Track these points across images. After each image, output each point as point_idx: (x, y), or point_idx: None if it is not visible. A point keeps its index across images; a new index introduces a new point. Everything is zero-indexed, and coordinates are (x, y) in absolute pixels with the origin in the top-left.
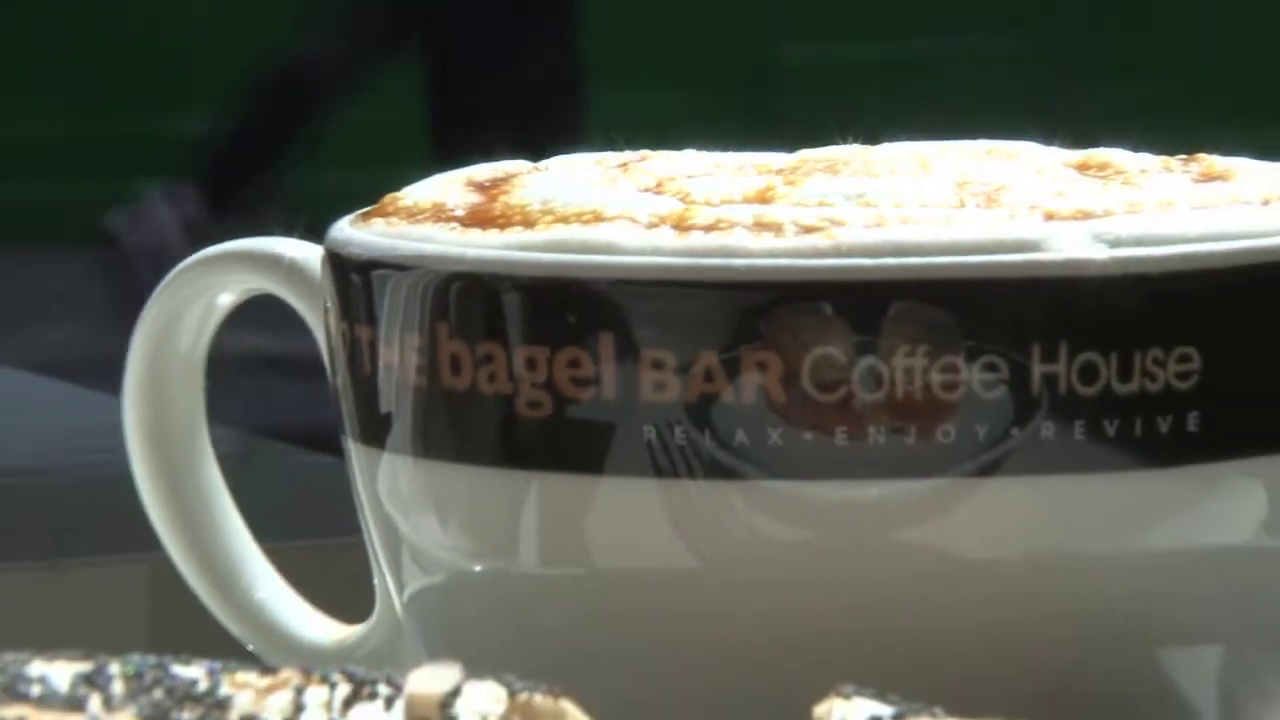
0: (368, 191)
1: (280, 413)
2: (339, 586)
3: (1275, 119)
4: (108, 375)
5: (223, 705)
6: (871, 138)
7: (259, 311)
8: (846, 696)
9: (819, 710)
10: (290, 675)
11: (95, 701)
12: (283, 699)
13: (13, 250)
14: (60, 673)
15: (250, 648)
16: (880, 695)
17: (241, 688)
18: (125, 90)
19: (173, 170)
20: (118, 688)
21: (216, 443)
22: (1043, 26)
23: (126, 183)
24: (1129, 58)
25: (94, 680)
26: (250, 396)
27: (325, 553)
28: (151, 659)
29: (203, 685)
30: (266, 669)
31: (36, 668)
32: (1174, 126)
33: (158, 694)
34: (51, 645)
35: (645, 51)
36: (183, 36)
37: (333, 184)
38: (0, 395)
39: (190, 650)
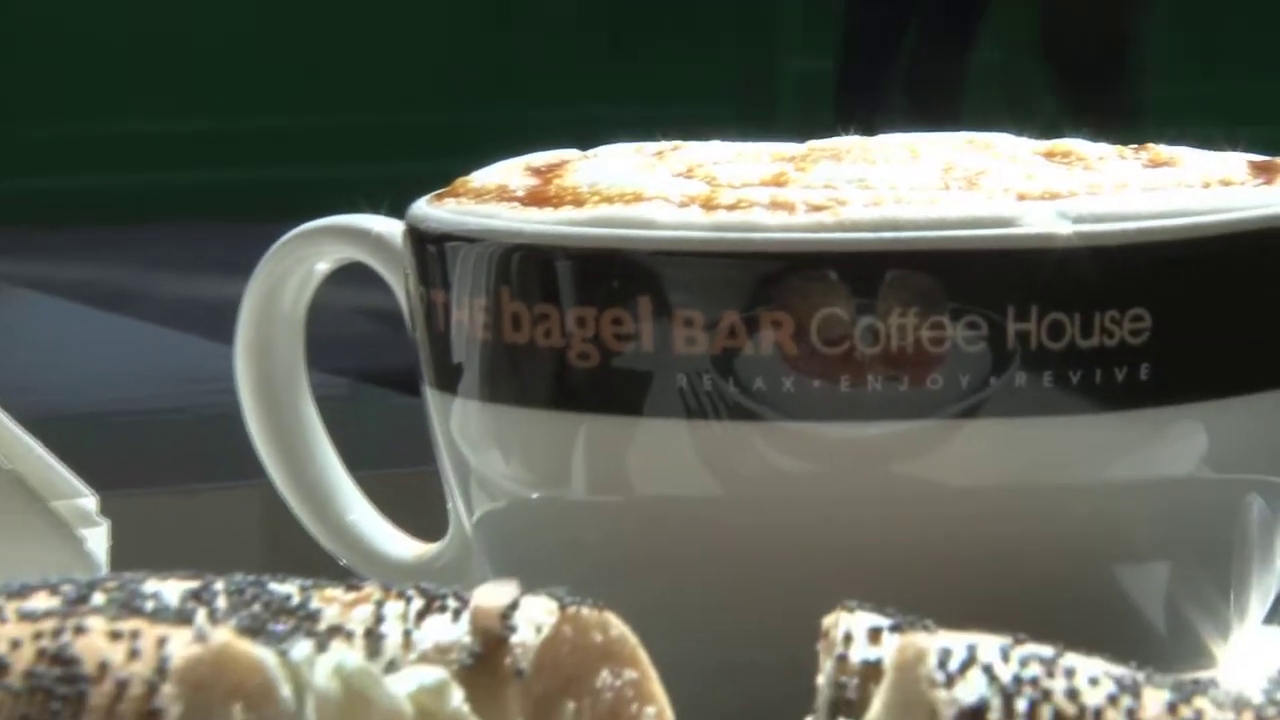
0: None
1: (371, 360)
2: (418, 510)
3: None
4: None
5: (313, 617)
6: (870, 131)
7: (361, 275)
8: (851, 610)
9: (827, 622)
10: (371, 590)
11: (201, 615)
12: (365, 611)
13: None
14: (171, 590)
15: (343, 563)
16: (879, 609)
17: (329, 602)
18: None
19: None
20: (221, 603)
21: (322, 386)
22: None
23: None
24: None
25: (201, 596)
26: (352, 348)
27: (406, 481)
28: (251, 577)
29: (295, 600)
30: (351, 586)
31: (151, 585)
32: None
33: (256, 608)
34: (176, 561)
35: None
36: None
37: None
38: (135, 345)
39: (293, 566)
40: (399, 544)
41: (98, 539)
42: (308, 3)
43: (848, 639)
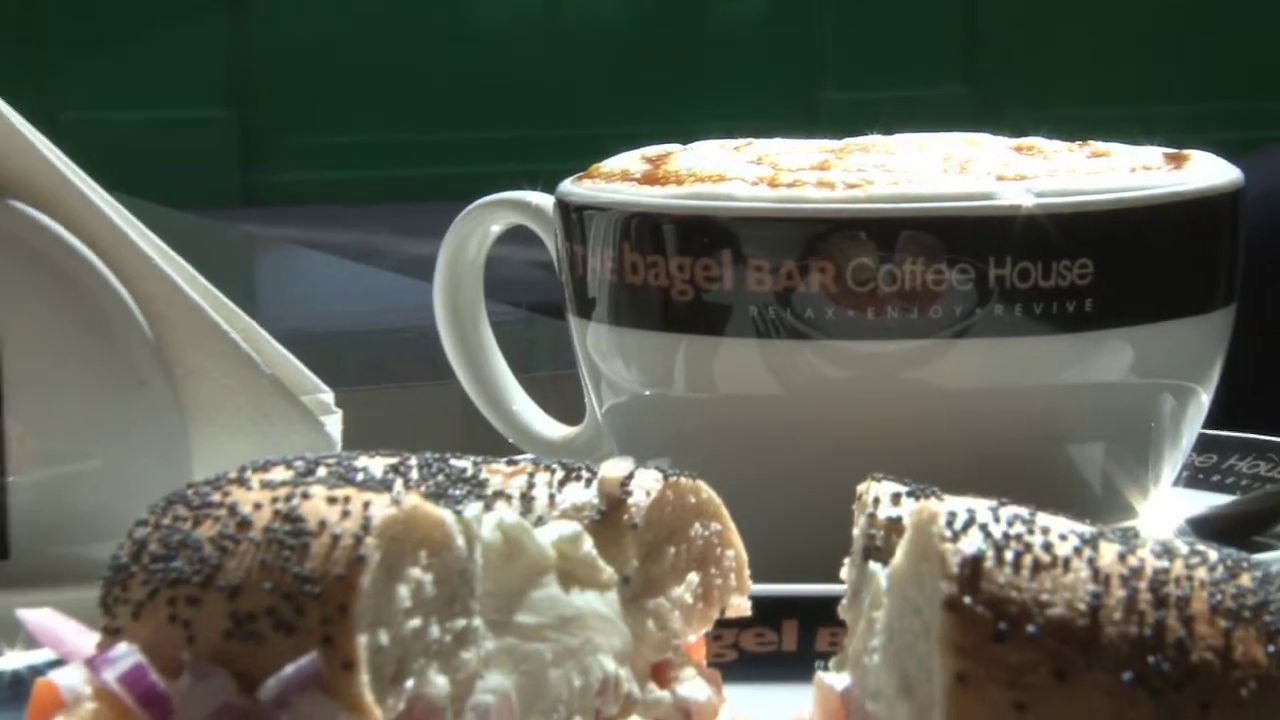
0: None
1: (538, 295)
2: (563, 403)
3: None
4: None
5: (482, 485)
6: (889, 130)
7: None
8: (878, 480)
9: (860, 488)
10: (525, 464)
11: (398, 484)
12: (520, 480)
13: None
14: (376, 465)
15: (510, 440)
16: (899, 479)
17: (494, 473)
18: None
19: None
20: (414, 474)
21: (498, 314)
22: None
23: None
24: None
25: (398, 469)
26: (520, 287)
27: (555, 381)
28: (436, 455)
29: (469, 472)
30: (510, 460)
31: (361, 461)
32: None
33: (440, 478)
34: (389, 441)
35: None
36: None
37: None
38: (375, 286)
39: (472, 444)
40: (549, 427)
41: (334, 424)
42: (508, 60)
43: (876, 501)
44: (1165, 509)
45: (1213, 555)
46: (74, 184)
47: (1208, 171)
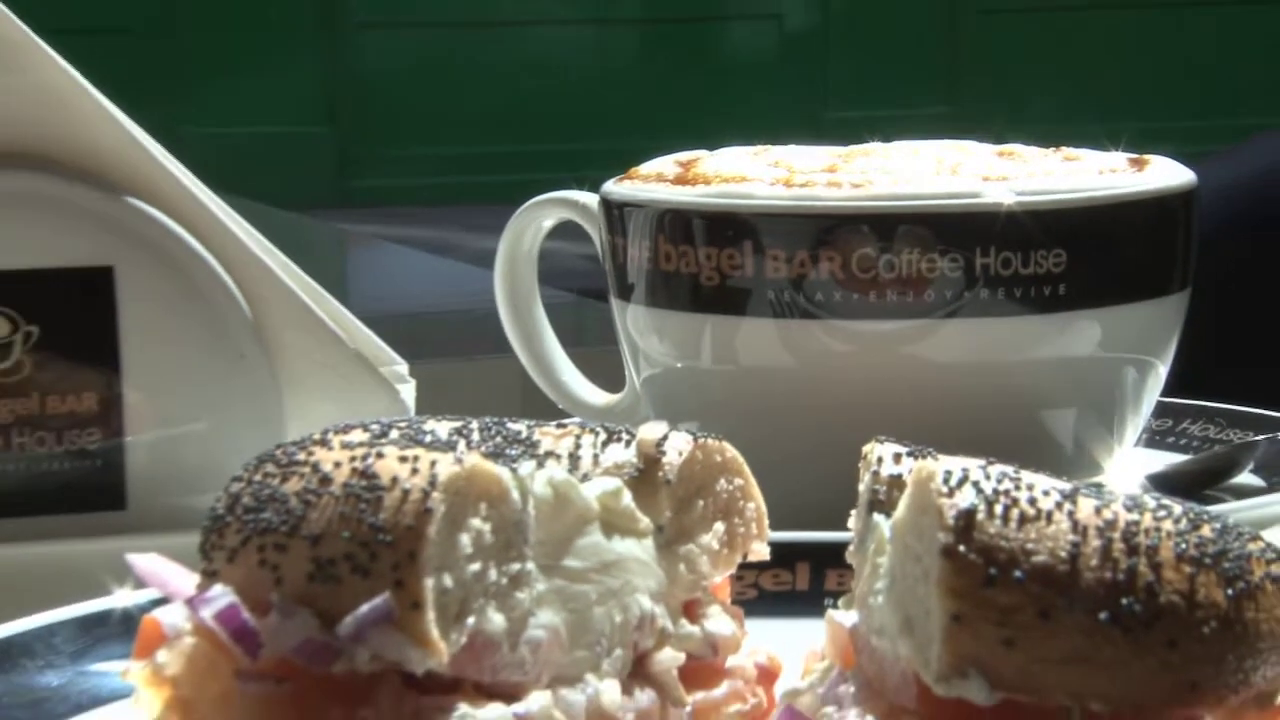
0: None
1: (584, 282)
2: (606, 373)
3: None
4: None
5: (534, 445)
6: (887, 139)
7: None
8: (881, 441)
9: (865, 448)
10: (573, 428)
11: (461, 445)
12: (568, 442)
13: None
14: (442, 428)
15: (559, 406)
16: (900, 442)
17: (545, 435)
18: None
19: None
20: (475, 436)
21: (550, 297)
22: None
23: None
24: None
25: (461, 432)
26: (570, 274)
27: (599, 355)
28: (495, 419)
29: (523, 434)
30: (560, 424)
31: (429, 425)
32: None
33: (498, 439)
34: (455, 407)
35: None
36: None
37: None
38: (448, 275)
39: (530, 410)
40: (593, 395)
41: (408, 392)
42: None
43: (879, 460)
44: (1128, 467)
45: (1177, 509)
46: (183, 183)
47: (1166, 174)
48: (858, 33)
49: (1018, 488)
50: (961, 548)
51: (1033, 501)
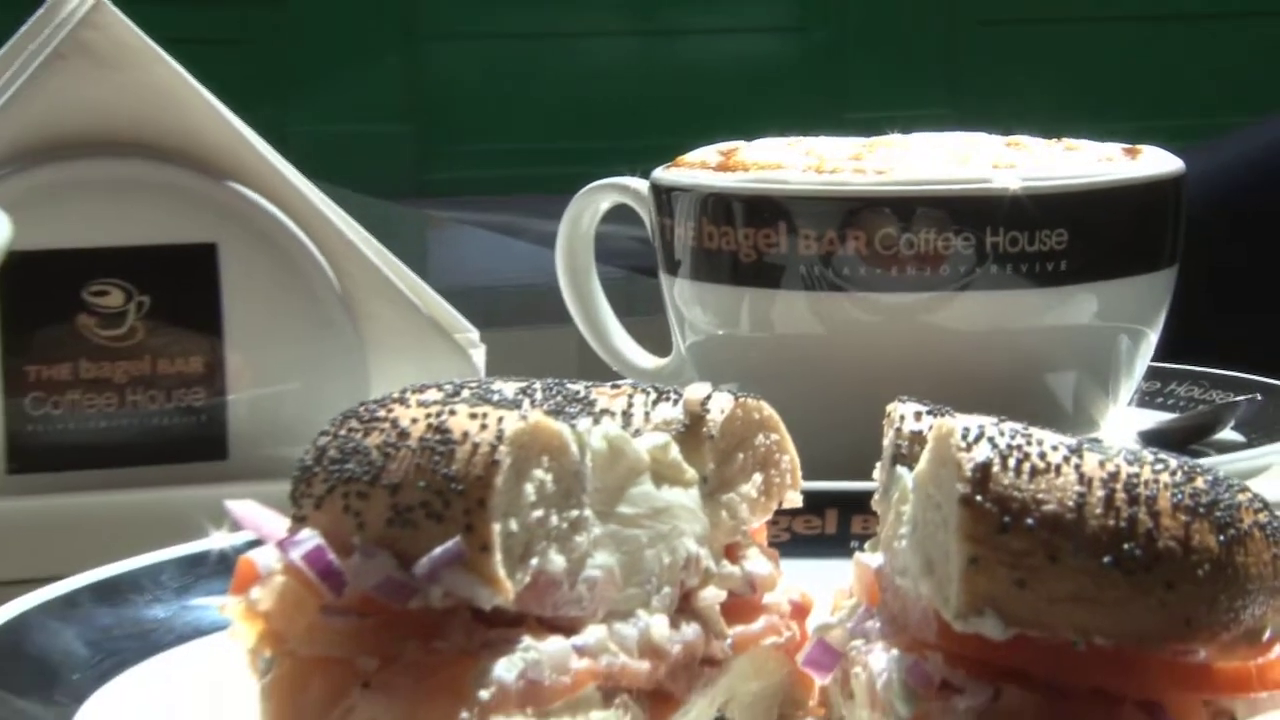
0: None
1: (636, 261)
2: (655, 339)
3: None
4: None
5: (591, 404)
6: (908, 130)
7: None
8: (903, 401)
9: (889, 407)
10: (626, 388)
11: (526, 403)
12: (621, 401)
13: None
14: (509, 388)
15: (613, 369)
16: (920, 401)
17: (601, 395)
18: None
19: None
20: (539, 395)
21: (607, 273)
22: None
23: None
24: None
25: (526, 391)
26: (623, 252)
27: (649, 323)
28: (556, 380)
29: (581, 393)
30: (615, 385)
31: (497, 385)
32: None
33: (558, 398)
34: (520, 370)
35: None
36: None
37: None
38: (517, 254)
39: (587, 372)
40: (644, 359)
41: (478, 356)
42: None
43: (901, 418)
44: (1121, 424)
45: (1173, 463)
46: (279, 169)
47: (1157, 162)
48: (872, 44)
49: (1029, 443)
50: (978, 497)
51: (1042, 456)
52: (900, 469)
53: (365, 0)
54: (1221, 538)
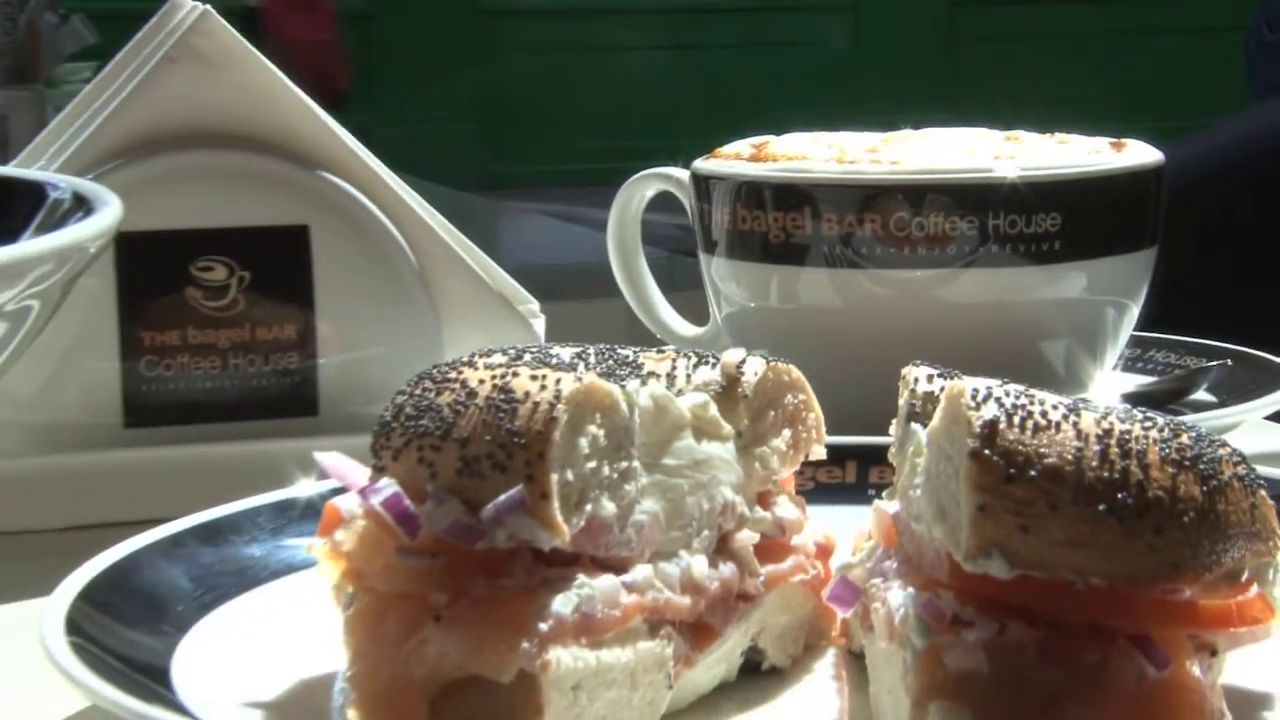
0: None
1: (677, 246)
2: (695, 310)
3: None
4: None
5: (639, 367)
6: (919, 126)
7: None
8: (916, 365)
9: (904, 370)
10: (670, 353)
11: (581, 366)
12: (665, 364)
13: None
14: (566, 352)
15: (658, 336)
16: (933, 365)
17: (648, 359)
18: None
19: None
20: (592, 359)
21: (652, 253)
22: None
23: None
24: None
25: (581, 356)
26: (665, 237)
27: (689, 296)
28: (608, 345)
29: (631, 357)
30: (660, 350)
31: (555, 350)
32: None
33: (610, 362)
34: (575, 336)
35: None
36: None
37: None
38: (577, 236)
39: (635, 339)
40: (685, 328)
41: (539, 326)
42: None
43: (915, 380)
44: (1107, 386)
45: (1160, 420)
46: (365, 160)
47: (1140, 154)
48: (882, 54)
49: (1031, 402)
50: (986, 451)
51: (1044, 414)
52: (915, 425)
53: (442, 19)
54: (1204, 488)
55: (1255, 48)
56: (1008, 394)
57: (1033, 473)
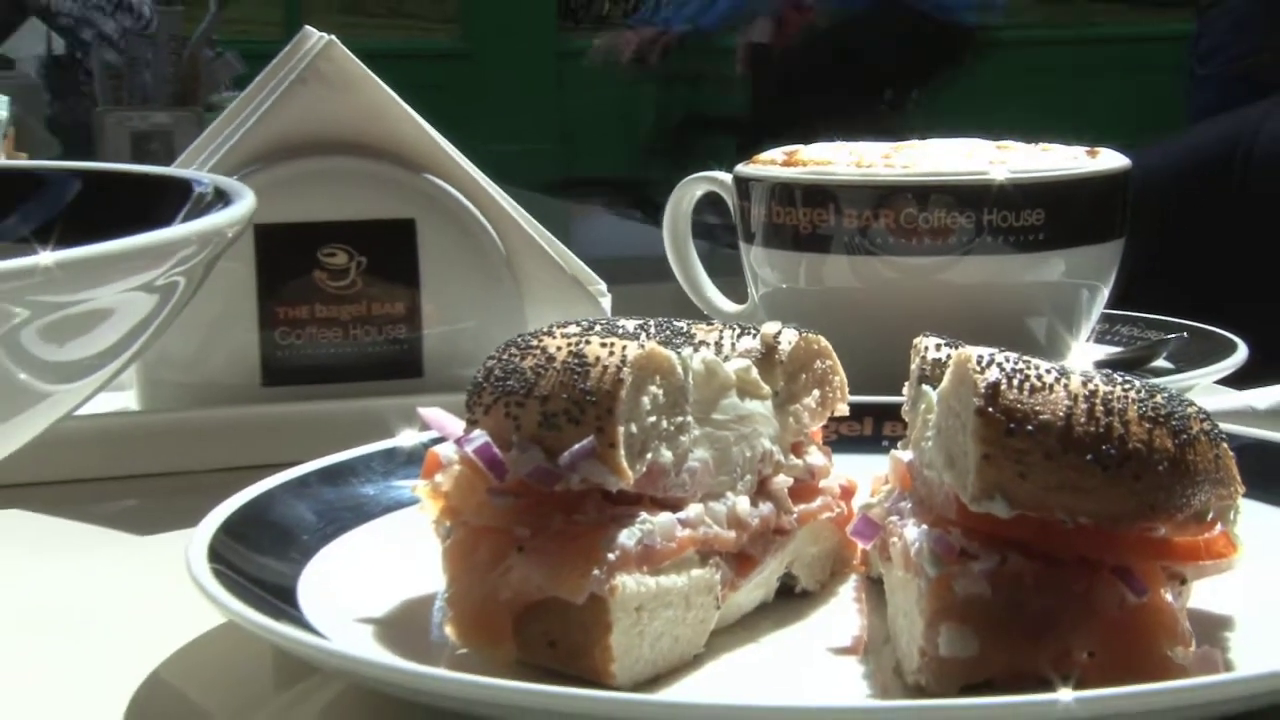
0: None
1: (722, 240)
2: (737, 292)
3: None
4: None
5: (691, 336)
6: (925, 136)
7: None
8: (927, 336)
9: (915, 340)
10: (717, 325)
11: (643, 336)
12: (714, 334)
13: None
14: (630, 324)
15: (705, 312)
16: (941, 336)
17: (699, 330)
18: None
19: None
20: (653, 330)
21: (700, 246)
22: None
23: None
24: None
25: (644, 327)
26: (707, 232)
27: (732, 280)
28: (666, 319)
29: (684, 329)
30: (709, 323)
31: (622, 322)
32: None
33: (667, 332)
34: (634, 312)
35: None
36: None
37: None
38: (636, 231)
39: (687, 315)
40: (728, 305)
41: (606, 304)
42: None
43: (925, 349)
44: (1081, 355)
45: (1136, 383)
46: (462, 165)
47: (1111, 160)
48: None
49: (1028, 367)
50: (989, 409)
51: (1039, 377)
52: (926, 387)
53: (527, 59)
54: (1176, 441)
55: (1190, 81)
56: (1007, 360)
57: (1030, 427)
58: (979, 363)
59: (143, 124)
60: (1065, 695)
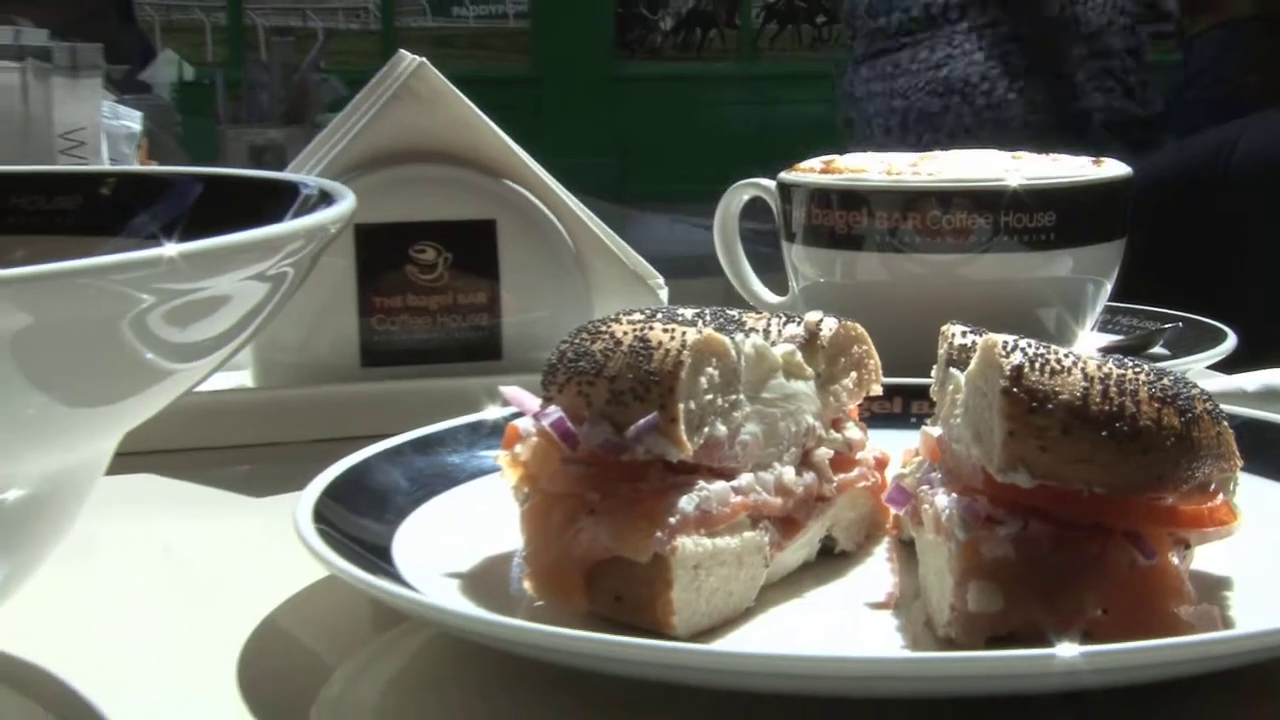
0: None
1: (765, 243)
2: (779, 285)
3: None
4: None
5: (742, 324)
6: (947, 148)
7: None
8: (952, 324)
9: (943, 328)
10: (765, 314)
11: (700, 323)
12: (762, 322)
13: None
14: (688, 312)
15: (751, 303)
16: (965, 323)
17: (749, 318)
18: None
19: None
20: (708, 318)
21: (746, 243)
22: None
23: None
24: None
25: (701, 315)
26: (758, 233)
27: (775, 275)
28: (720, 308)
29: (737, 317)
30: (757, 313)
31: (680, 310)
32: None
33: (721, 320)
34: (690, 302)
35: None
36: None
37: None
38: (684, 233)
39: (736, 305)
40: (771, 297)
41: (664, 295)
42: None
43: (953, 335)
44: (1087, 342)
45: (1146, 367)
46: (537, 172)
47: (1114, 168)
48: None
49: (1048, 352)
50: (1014, 389)
51: (1058, 361)
52: (953, 370)
53: (589, 82)
54: (1182, 419)
55: (1179, 103)
56: (1029, 345)
57: (1050, 406)
58: (1004, 348)
59: (259, 139)
60: (1071, 650)
